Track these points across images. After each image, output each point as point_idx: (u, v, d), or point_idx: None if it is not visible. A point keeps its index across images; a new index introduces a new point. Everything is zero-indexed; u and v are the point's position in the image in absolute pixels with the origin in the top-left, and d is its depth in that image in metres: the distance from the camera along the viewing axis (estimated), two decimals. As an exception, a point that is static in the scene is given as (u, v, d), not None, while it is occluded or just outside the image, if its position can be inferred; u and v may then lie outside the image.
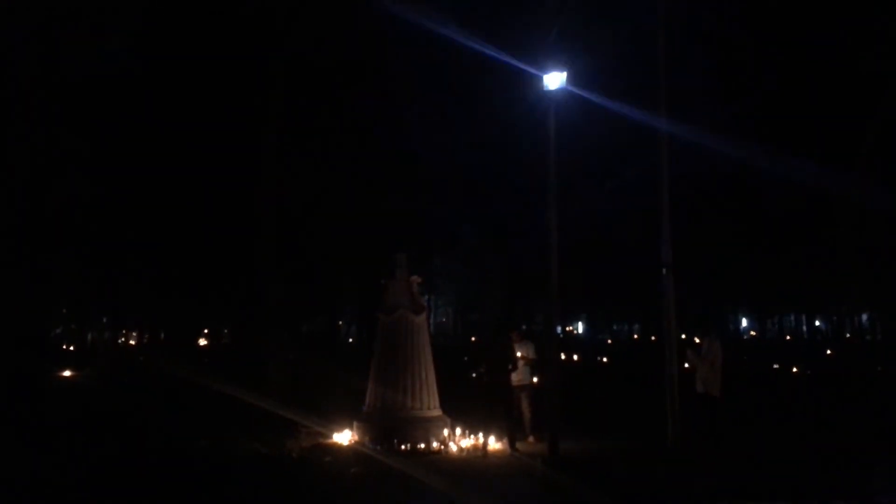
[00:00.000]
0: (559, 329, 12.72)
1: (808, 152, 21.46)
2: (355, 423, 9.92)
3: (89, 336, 35.11)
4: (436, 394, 9.97)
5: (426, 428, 9.50)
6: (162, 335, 31.99)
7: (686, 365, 9.96)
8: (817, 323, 49.93)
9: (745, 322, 57.44)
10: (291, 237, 19.14)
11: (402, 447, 9.23)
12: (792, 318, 51.33)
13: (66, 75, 17.65)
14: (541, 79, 9.81)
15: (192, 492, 7.51)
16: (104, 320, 35.05)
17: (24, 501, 7.10)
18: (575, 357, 28.53)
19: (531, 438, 9.91)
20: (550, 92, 9.77)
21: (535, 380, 10.37)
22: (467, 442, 9.51)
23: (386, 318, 10.01)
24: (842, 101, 21.65)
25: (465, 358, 22.77)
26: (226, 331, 38.82)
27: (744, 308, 51.38)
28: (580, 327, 59.49)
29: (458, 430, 9.65)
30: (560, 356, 14.18)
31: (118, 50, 18.39)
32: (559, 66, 9.67)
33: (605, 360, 28.95)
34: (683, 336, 13.76)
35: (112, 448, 9.39)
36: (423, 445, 9.29)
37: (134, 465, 8.46)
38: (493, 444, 9.37)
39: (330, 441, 9.81)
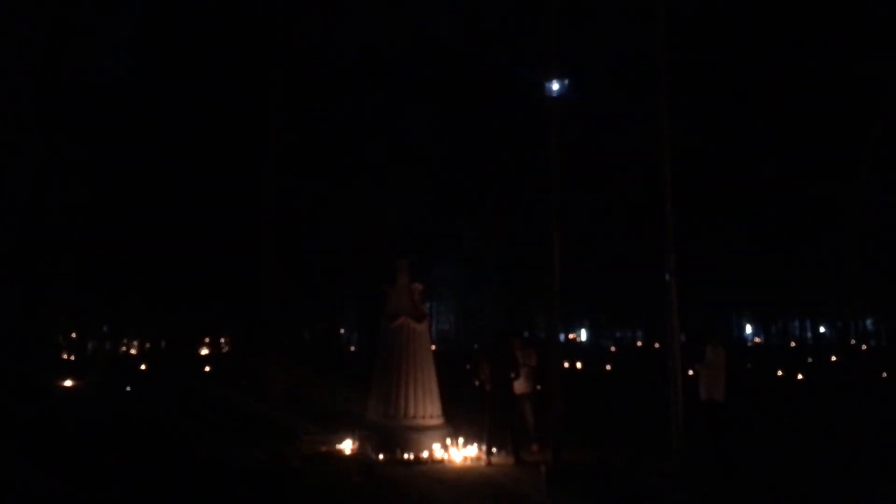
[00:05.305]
0: (562, 336, 12.66)
1: (812, 157, 21.45)
2: (357, 432, 9.84)
3: (90, 345, 35.01)
4: (438, 402, 9.90)
5: (429, 436, 9.43)
6: (163, 344, 31.92)
7: (690, 372, 9.88)
8: (822, 329, 49.73)
9: (749, 328, 57.22)
10: (293, 244, 19.12)
11: (405, 456, 9.15)
12: (796, 323, 51.15)
13: (67, 84, 17.71)
14: (543, 86, 9.80)
15: (193, 501, 7.44)
16: (104, 329, 34.97)
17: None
18: (578, 364, 28.38)
19: (534, 447, 9.82)
20: (553, 98, 9.75)
21: (538, 388, 10.29)
22: (470, 451, 9.42)
23: (388, 324, 9.95)
24: (845, 106, 21.66)
25: (468, 366, 22.65)
26: (223, 339, 38.77)
27: (748, 314, 51.21)
28: (583, 334, 59.30)
29: (461, 439, 9.57)
30: (563, 364, 14.15)
31: (119, 58, 18.47)
32: (561, 72, 9.66)
33: (608, 367, 28.79)
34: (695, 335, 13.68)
35: (113, 457, 9.32)
36: (425, 454, 9.22)
37: (135, 475, 8.39)
38: (496, 452, 9.28)
39: (332, 449, 9.74)
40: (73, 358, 30.55)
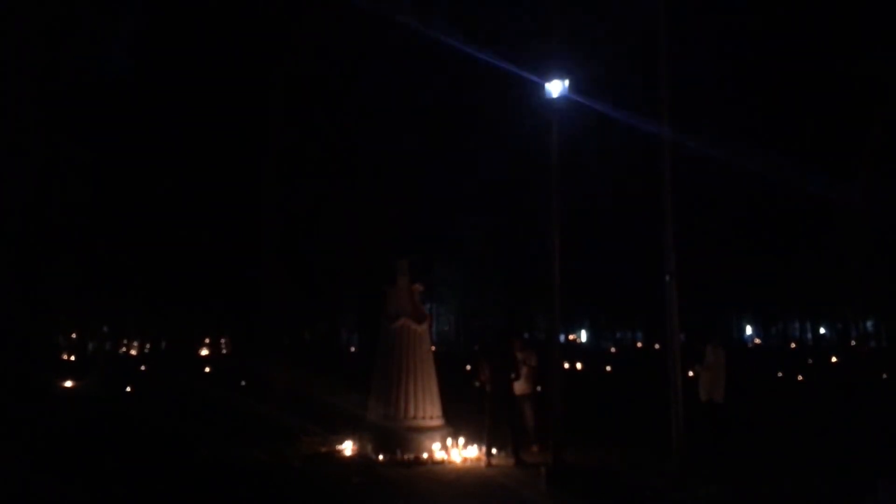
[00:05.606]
0: (561, 337, 12.69)
1: (812, 158, 21.42)
2: (357, 433, 9.84)
3: (90, 345, 35.04)
4: (438, 403, 9.90)
5: (428, 437, 9.43)
6: (163, 344, 31.94)
7: (690, 373, 9.89)
8: (822, 330, 49.72)
9: (749, 329, 57.20)
10: (293, 244, 19.12)
11: (405, 457, 9.15)
12: (797, 324, 51.13)
13: (67, 84, 17.70)
14: (543, 87, 9.79)
15: (193, 501, 7.45)
16: (105, 329, 35.01)
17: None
18: (578, 365, 28.37)
19: (535, 448, 9.82)
20: (552, 100, 9.75)
21: (538, 388, 10.29)
22: (470, 451, 9.42)
23: (388, 325, 9.96)
24: (845, 107, 21.63)
25: (468, 366, 22.66)
26: (223, 340, 38.79)
27: (748, 315, 51.20)
28: (583, 335, 59.30)
29: (461, 440, 9.57)
30: (563, 364, 14.13)
31: (120, 60, 18.45)
32: (561, 73, 9.66)
33: (608, 368, 28.80)
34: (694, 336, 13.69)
35: (113, 457, 9.32)
36: (425, 455, 9.22)
37: (135, 475, 8.39)
38: (496, 453, 9.28)
39: (332, 450, 9.74)
40: (73, 358, 30.57)
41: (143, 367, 26.51)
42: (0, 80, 16.33)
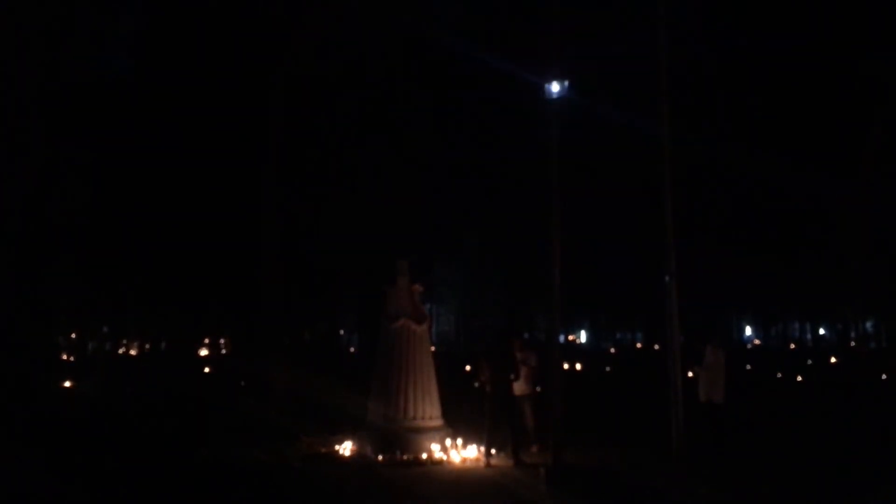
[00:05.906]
0: (561, 338, 12.70)
1: (812, 158, 21.41)
2: (357, 433, 9.85)
3: (89, 346, 35.04)
4: (438, 403, 9.89)
5: (428, 438, 9.42)
6: (163, 345, 31.95)
7: (689, 374, 9.89)
8: (822, 331, 49.73)
9: (749, 330, 57.20)
10: (293, 245, 19.13)
11: (404, 457, 9.15)
12: (796, 325, 51.15)
13: (67, 84, 17.71)
14: (543, 87, 9.79)
15: (193, 501, 7.45)
16: (105, 329, 35.02)
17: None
18: (578, 366, 28.38)
19: (534, 448, 9.82)
20: (552, 100, 9.75)
21: (537, 389, 10.29)
22: (470, 452, 9.42)
23: (388, 326, 9.96)
24: (846, 107, 21.63)
25: (468, 367, 22.65)
26: (223, 340, 38.80)
27: (748, 316, 51.21)
28: (583, 336, 59.29)
29: (461, 440, 9.57)
30: (563, 365, 14.11)
31: (120, 60, 18.46)
32: (561, 73, 9.66)
33: (608, 368, 28.82)
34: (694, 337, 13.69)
35: (113, 457, 9.32)
36: (425, 456, 9.21)
37: (135, 475, 8.39)
38: (496, 454, 9.28)
39: (332, 450, 9.74)
40: (72, 359, 30.57)
41: (142, 368, 26.51)
42: (0, 80, 16.34)
